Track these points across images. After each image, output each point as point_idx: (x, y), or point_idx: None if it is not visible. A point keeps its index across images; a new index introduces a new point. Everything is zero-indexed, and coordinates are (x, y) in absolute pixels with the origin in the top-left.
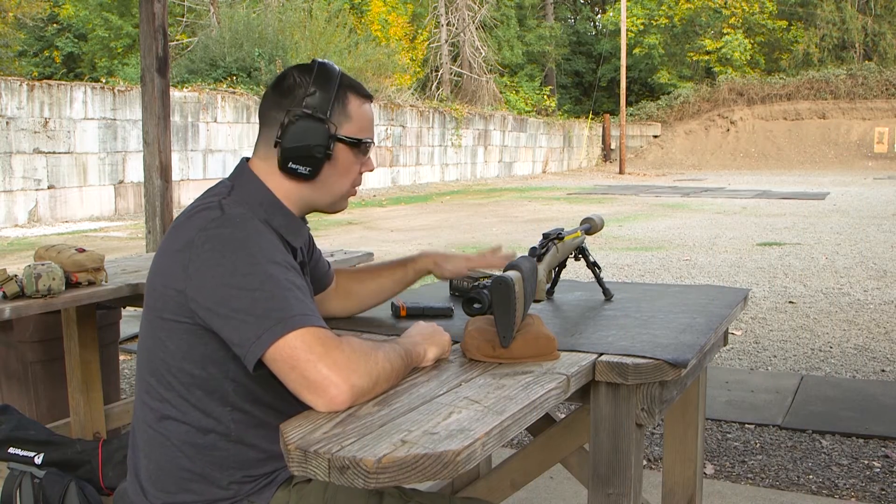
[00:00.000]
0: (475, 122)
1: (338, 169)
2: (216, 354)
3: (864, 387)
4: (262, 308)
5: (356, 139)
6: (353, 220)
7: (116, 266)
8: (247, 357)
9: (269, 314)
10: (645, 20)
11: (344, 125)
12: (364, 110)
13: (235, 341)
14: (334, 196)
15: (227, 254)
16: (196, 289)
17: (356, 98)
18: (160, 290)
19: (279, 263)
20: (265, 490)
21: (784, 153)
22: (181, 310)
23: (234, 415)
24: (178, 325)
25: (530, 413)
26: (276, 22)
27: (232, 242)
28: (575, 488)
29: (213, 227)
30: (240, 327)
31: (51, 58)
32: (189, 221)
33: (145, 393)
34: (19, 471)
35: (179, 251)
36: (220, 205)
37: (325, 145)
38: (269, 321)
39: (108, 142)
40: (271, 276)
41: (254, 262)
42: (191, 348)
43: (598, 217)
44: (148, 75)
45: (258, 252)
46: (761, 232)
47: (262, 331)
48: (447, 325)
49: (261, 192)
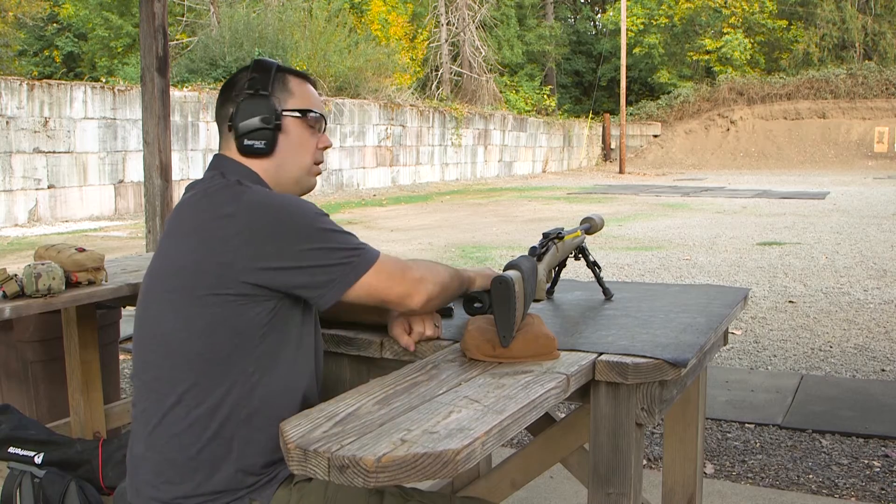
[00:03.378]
0: (475, 122)
1: (292, 142)
2: (248, 327)
3: (864, 386)
4: (336, 255)
5: (301, 110)
6: (354, 220)
7: (116, 266)
8: (323, 299)
9: (349, 256)
10: (645, 20)
11: (287, 100)
12: (305, 87)
13: (312, 286)
14: (297, 170)
15: (283, 214)
16: (255, 254)
17: (294, 77)
18: (189, 268)
19: (324, 214)
20: (266, 488)
21: (784, 153)
22: (222, 281)
23: (246, 395)
24: (216, 298)
25: (530, 412)
26: (276, 21)
27: (279, 206)
28: (575, 488)
29: (248, 199)
30: (313, 276)
31: (51, 57)
32: (209, 199)
33: (154, 380)
34: (19, 470)
35: (216, 226)
36: (237, 181)
37: (273, 115)
38: (341, 268)
39: (108, 141)
40: (329, 227)
41: (308, 218)
42: (223, 321)
43: (598, 217)
44: (148, 75)
45: (306, 209)
46: (761, 231)
47: (337, 275)
48: (447, 325)
49: (249, 174)
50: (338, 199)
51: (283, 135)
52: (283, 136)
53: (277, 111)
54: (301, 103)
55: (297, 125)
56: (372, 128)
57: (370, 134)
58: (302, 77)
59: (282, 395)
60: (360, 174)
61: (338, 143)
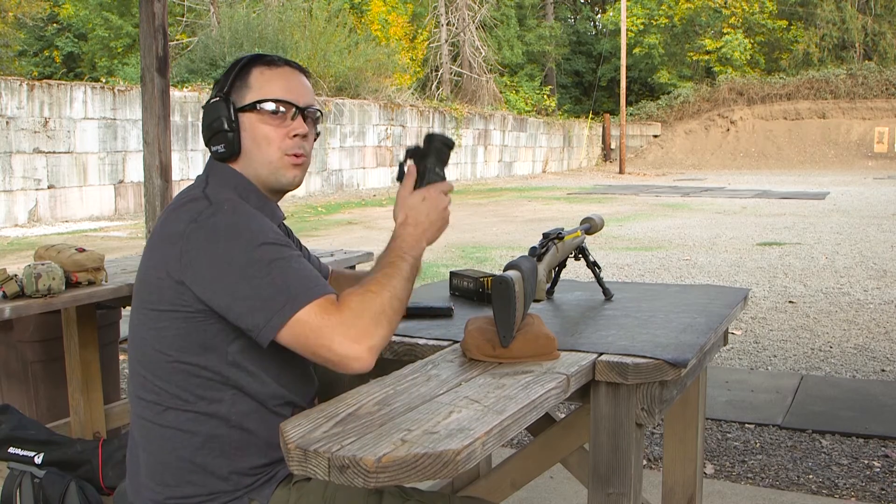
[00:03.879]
0: (475, 122)
1: (253, 138)
2: (214, 340)
3: (864, 386)
4: (265, 293)
5: (251, 103)
6: (353, 220)
7: (116, 266)
8: (259, 338)
9: (274, 297)
10: (645, 20)
11: (244, 96)
12: (267, 76)
13: (245, 327)
14: (266, 166)
15: (222, 242)
16: (195, 278)
17: (259, 67)
18: (154, 282)
19: (272, 242)
20: (265, 487)
21: (784, 153)
22: (178, 299)
23: (234, 398)
24: (176, 314)
25: (530, 412)
26: (276, 22)
27: (225, 230)
28: (575, 488)
29: (204, 217)
30: (247, 314)
31: (51, 57)
32: (176, 214)
33: (140, 388)
34: (19, 470)
35: (172, 243)
36: (206, 195)
37: (225, 118)
38: (275, 304)
39: (108, 141)
40: (268, 259)
41: (249, 247)
42: (188, 336)
43: (598, 217)
44: (148, 75)
45: (251, 237)
46: (761, 232)
47: (271, 314)
48: (447, 325)
49: (234, 177)
50: (338, 200)
51: (244, 133)
52: (244, 135)
53: (231, 111)
54: (257, 95)
55: (254, 120)
56: (372, 128)
57: (370, 134)
58: (272, 64)
59: (272, 397)
60: (360, 174)
61: (338, 144)
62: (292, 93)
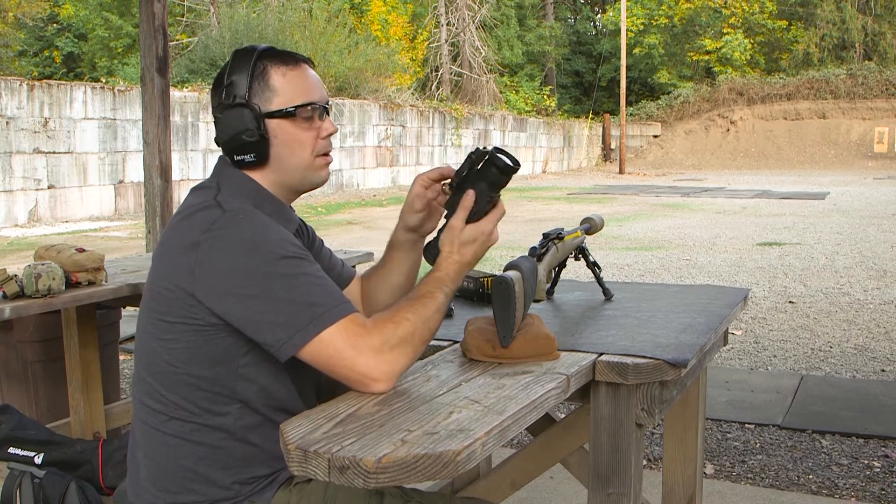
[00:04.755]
0: (475, 122)
1: (287, 144)
2: (226, 354)
3: (864, 387)
4: (288, 308)
5: (286, 109)
6: (354, 220)
7: (116, 266)
8: (278, 353)
9: (297, 314)
10: (645, 20)
11: (271, 100)
12: (290, 78)
13: (263, 341)
14: (300, 170)
15: (239, 255)
16: (209, 291)
17: (278, 68)
18: (164, 293)
19: (292, 256)
20: (266, 490)
21: (784, 153)
22: (188, 311)
23: (240, 412)
24: (186, 326)
25: (530, 413)
26: (276, 22)
27: (242, 242)
28: (575, 488)
29: (217, 228)
30: (267, 329)
31: (51, 58)
32: (187, 222)
33: (145, 395)
34: (19, 471)
35: (183, 254)
36: (218, 202)
37: (255, 128)
38: (298, 321)
39: (108, 142)
40: (289, 273)
41: (269, 261)
42: (199, 349)
43: (598, 217)
44: (148, 75)
45: (270, 249)
46: (761, 232)
47: (293, 331)
48: (447, 325)
49: (246, 184)
50: (338, 200)
51: (274, 139)
52: (274, 142)
53: (260, 119)
54: (288, 100)
55: (287, 126)
56: (372, 128)
57: (370, 134)
58: (288, 62)
59: (278, 410)
60: (360, 174)
61: (338, 144)
62: (317, 91)
